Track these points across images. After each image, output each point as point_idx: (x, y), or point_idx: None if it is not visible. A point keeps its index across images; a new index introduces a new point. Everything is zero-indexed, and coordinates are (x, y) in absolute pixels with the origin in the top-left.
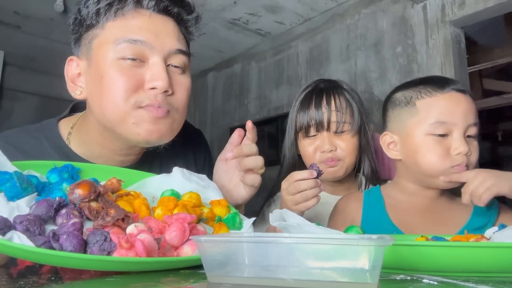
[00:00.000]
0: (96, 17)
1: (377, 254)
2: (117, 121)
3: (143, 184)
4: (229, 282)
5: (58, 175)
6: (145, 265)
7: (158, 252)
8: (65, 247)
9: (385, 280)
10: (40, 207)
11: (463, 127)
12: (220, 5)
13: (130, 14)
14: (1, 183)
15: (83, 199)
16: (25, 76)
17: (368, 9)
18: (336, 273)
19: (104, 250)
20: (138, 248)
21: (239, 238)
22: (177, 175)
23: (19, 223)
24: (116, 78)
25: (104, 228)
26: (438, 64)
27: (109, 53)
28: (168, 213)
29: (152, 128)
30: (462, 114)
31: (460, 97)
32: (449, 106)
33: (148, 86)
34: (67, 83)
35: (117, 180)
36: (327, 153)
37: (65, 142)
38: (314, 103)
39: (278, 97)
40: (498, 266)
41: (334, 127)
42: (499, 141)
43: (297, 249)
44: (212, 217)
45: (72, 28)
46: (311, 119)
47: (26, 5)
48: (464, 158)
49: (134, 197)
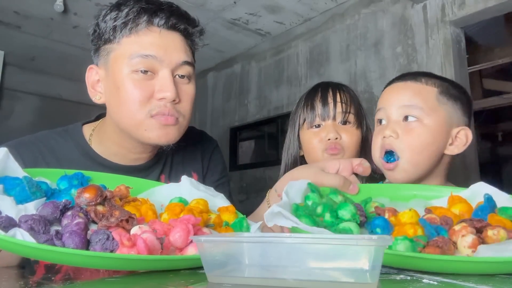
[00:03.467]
0: (113, 33)
1: (377, 254)
2: (132, 127)
3: (152, 193)
4: (229, 282)
5: (68, 182)
6: (146, 263)
7: (162, 253)
8: (67, 244)
9: (385, 280)
10: (46, 208)
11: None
12: (220, 5)
13: (143, 31)
14: (11, 188)
15: (89, 202)
16: (25, 76)
17: (368, 9)
18: (336, 273)
19: (106, 248)
20: (140, 246)
21: (239, 238)
22: (185, 184)
23: (24, 222)
24: (131, 90)
25: (108, 228)
26: (438, 64)
27: (124, 66)
28: (174, 217)
29: (161, 134)
30: (393, 98)
31: (395, 85)
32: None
33: (158, 96)
34: (88, 88)
35: (126, 187)
36: (332, 141)
37: (87, 142)
38: (321, 95)
39: (278, 97)
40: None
41: (340, 117)
42: (499, 141)
43: (297, 249)
44: (220, 223)
45: (92, 40)
46: (317, 109)
47: (26, 5)
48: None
49: (141, 203)
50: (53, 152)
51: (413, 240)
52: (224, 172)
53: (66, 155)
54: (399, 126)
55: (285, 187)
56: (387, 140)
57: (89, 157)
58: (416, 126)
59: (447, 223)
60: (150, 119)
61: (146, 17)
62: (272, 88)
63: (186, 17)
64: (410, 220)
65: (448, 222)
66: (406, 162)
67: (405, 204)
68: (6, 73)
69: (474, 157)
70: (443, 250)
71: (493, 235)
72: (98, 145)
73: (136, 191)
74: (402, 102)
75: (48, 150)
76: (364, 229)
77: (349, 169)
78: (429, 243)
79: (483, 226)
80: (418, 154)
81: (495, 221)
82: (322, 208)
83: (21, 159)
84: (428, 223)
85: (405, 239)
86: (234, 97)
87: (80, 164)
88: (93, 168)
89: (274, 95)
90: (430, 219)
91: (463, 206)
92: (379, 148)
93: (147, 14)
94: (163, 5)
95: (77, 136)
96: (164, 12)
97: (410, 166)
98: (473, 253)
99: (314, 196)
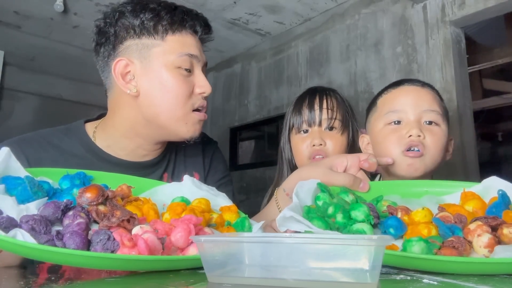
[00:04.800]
0: (154, 29)
1: (377, 254)
2: (172, 120)
3: (154, 192)
4: (229, 282)
5: (70, 181)
6: (147, 264)
7: (163, 253)
8: (68, 245)
9: (385, 280)
10: (47, 209)
11: (415, 113)
12: (220, 5)
13: (185, 33)
14: (13, 187)
15: (91, 202)
16: (25, 76)
17: (368, 9)
18: (336, 273)
19: (107, 249)
20: (141, 246)
21: (239, 238)
22: (187, 183)
23: (25, 222)
24: (178, 85)
25: (109, 229)
26: (438, 64)
27: (171, 62)
28: (176, 217)
29: (197, 128)
30: (413, 101)
31: (411, 88)
32: (400, 97)
33: (198, 91)
34: (118, 81)
35: (127, 187)
36: (316, 147)
37: (91, 138)
38: (308, 101)
39: (278, 97)
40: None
41: (325, 123)
42: (499, 141)
43: (297, 249)
44: (222, 223)
45: (114, 31)
46: (304, 115)
47: (26, 5)
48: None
49: (143, 202)
50: (57, 148)
51: (428, 241)
52: (226, 171)
53: (71, 150)
54: (423, 127)
55: (295, 188)
56: (415, 139)
57: (94, 153)
58: (437, 129)
59: (461, 221)
60: (192, 114)
61: (190, 23)
62: (272, 88)
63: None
64: (424, 219)
65: (462, 220)
66: (429, 158)
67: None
68: (6, 73)
69: (474, 157)
70: (459, 251)
71: (509, 233)
72: (102, 141)
73: (138, 190)
74: (424, 106)
75: (51, 146)
76: (377, 229)
77: (357, 165)
78: (444, 243)
79: (498, 224)
80: (438, 155)
81: (510, 218)
82: (334, 208)
83: (24, 155)
84: (442, 222)
85: (420, 240)
86: (234, 97)
87: (85, 159)
88: (98, 163)
89: (274, 95)
90: (444, 217)
91: (477, 202)
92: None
93: (190, 21)
94: (198, 13)
95: (80, 133)
96: (199, 20)
97: (430, 163)
98: (490, 253)
99: (325, 196)
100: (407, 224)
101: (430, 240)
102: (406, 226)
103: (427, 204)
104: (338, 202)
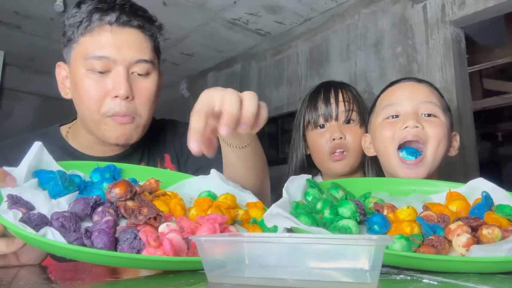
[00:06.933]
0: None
1: (377, 254)
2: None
3: (182, 185)
4: (229, 282)
5: (100, 174)
6: (172, 265)
7: (188, 252)
8: (96, 243)
9: (385, 280)
10: (77, 205)
11: (411, 105)
12: (220, 5)
13: (96, 31)
14: (46, 182)
15: (119, 198)
16: (25, 76)
17: (368, 9)
18: (336, 273)
19: (133, 248)
20: (166, 247)
21: (239, 238)
22: (214, 177)
23: (55, 219)
24: (87, 89)
25: (136, 226)
26: (438, 64)
27: (81, 66)
28: (202, 213)
29: (119, 133)
30: (409, 94)
31: (407, 83)
32: (397, 91)
33: (112, 94)
34: (58, 84)
35: (155, 181)
36: (336, 141)
37: (65, 139)
38: (323, 96)
39: (278, 97)
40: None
41: (343, 116)
42: (499, 141)
43: (297, 249)
44: (247, 219)
45: (62, 39)
46: (320, 109)
47: (26, 5)
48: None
49: (170, 197)
50: None
51: (409, 239)
52: None
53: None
54: (420, 118)
55: (286, 183)
56: (412, 131)
57: (70, 153)
58: (435, 120)
59: (444, 220)
60: (107, 118)
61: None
62: (272, 88)
63: (141, 13)
64: (408, 217)
65: (445, 220)
66: (430, 152)
67: (405, 198)
68: (6, 73)
69: (474, 157)
70: (438, 250)
71: (488, 234)
72: (73, 140)
73: (166, 184)
74: (420, 98)
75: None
76: (363, 225)
77: None
78: (424, 242)
79: (479, 224)
80: (438, 146)
81: (491, 220)
82: (322, 204)
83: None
84: (424, 221)
85: (401, 237)
86: None
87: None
88: None
89: (274, 95)
90: (427, 216)
91: (461, 203)
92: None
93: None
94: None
95: (56, 136)
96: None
97: (431, 158)
98: (467, 252)
99: (314, 192)
100: (392, 221)
101: (410, 238)
102: (391, 223)
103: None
104: (327, 197)
